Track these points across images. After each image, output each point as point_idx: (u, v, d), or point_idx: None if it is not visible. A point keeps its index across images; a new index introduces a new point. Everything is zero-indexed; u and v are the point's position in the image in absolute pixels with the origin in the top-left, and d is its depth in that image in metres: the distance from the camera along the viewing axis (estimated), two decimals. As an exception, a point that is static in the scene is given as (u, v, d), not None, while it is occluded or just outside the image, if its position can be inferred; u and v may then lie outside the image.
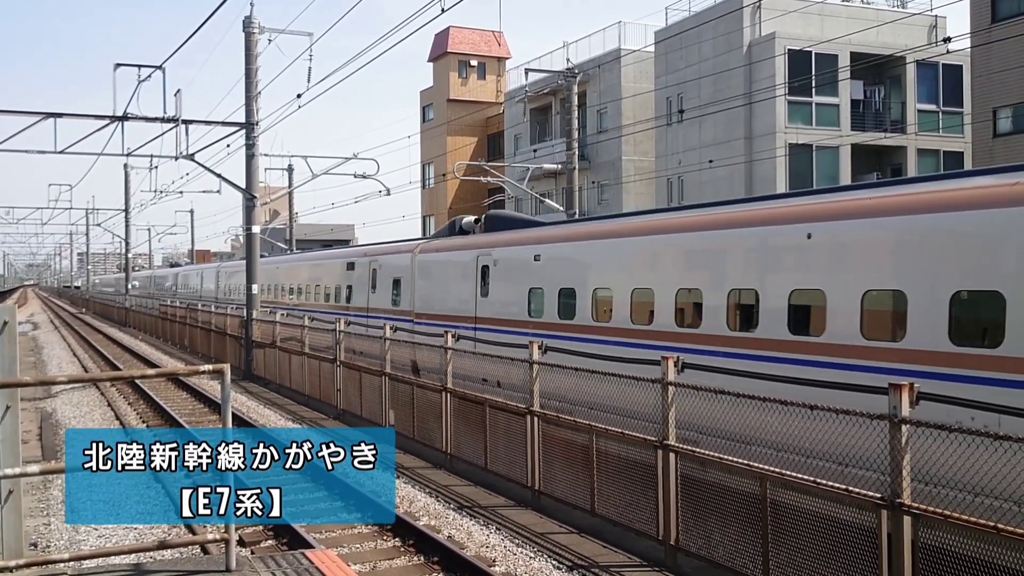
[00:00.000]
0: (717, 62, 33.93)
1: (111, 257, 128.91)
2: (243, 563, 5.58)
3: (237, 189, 25.35)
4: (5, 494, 5.65)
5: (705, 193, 35.19)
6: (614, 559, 8.70)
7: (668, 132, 36.84)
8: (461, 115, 52.62)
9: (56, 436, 16.47)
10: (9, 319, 5.75)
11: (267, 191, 39.70)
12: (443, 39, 54.91)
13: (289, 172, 48.53)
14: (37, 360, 31.81)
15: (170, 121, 23.37)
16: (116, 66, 22.53)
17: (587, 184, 41.35)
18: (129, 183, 56.48)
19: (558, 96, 42.08)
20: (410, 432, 14.27)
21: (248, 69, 24.56)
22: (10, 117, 22.83)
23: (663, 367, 8.57)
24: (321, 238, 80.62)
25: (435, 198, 56.63)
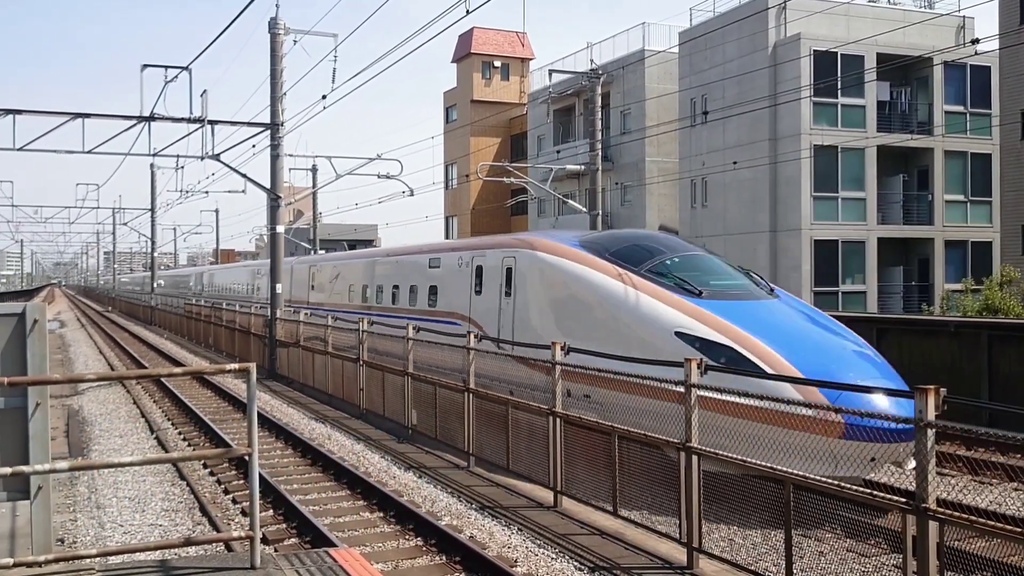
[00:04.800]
0: (742, 63, 33.79)
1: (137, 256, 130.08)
2: (267, 560, 5.62)
3: (262, 189, 25.50)
4: (34, 490, 5.72)
5: (730, 195, 35.08)
6: (636, 561, 8.68)
7: (692, 133, 36.73)
8: (484, 116, 52.70)
9: (83, 433, 16.66)
10: (39, 317, 5.82)
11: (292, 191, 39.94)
12: (467, 40, 55.02)
13: (313, 172, 48.80)
14: (64, 358, 32.15)
15: (196, 121, 23.56)
16: (143, 67, 22.74)
17: (610, 185, 41.31)
18: (155, 183, 56.96)
19: (582, 97, 42.05)
20: (432, 432, 14.31)
21: (273, 70, 24.72)
22: (39, 117, 23.09)
23: (685, 369, 8.54)
24: (344, 238, 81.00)
25: (458, 199, 56.74)
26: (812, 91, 31.26)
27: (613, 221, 42.64)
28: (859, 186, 33.23)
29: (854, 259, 33.31)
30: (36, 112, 22.90)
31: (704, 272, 13.53)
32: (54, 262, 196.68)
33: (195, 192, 45.74)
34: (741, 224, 34.72)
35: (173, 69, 22.64)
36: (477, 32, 54.62)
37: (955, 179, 34.82)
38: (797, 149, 32.00)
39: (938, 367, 17.49)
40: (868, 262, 33.30)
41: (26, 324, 5.78)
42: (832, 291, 32.67)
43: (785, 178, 32.88)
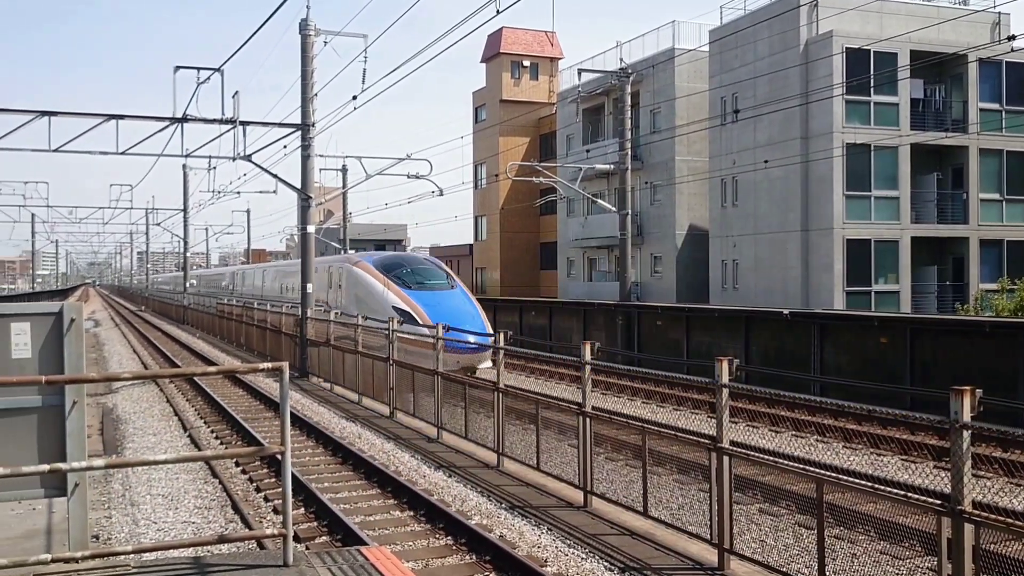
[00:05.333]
0: (773, 61, 33.56)
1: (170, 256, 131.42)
2: (300, 558, 5.66)
3: (293, 189, 25.67)
4: (71, 487, 5.80)
5: (761, 194, 34.85)
6: (666, 562, 8.65)
7: (722, 132, 36.52)
8: (514, 115, 52.72)
9: (117, 431, 16.85)
10: (76, 317, 5.90)
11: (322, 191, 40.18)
12: (496, 40, 55.05)
13: (343, 172, 49.05)
14: (99, 356, 32.54)
15: (228, 123, 23.74)
16: (176, 68, 22.95)
17: (640, 184, 41.17)
18: (188, 183, 57.52)
19: (611, 96, 41.97)
20: (462, 431, 14.34)
21: (304, 71, 24.86)
22: (74, 119, 23.37)
23: (717, 368, 8.50)
24: (374, 238, 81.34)
25: (487, 198, 56.80)
26: (844, 89, 30.97)
27: (643, 220, 42.51)
28: (892, 185, 32.87)
29: (887, 259, 32.96)
30: (71, 114, 23.19)
31: (420, 276, 24.50)
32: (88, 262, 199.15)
33: (227, 192, 46.17)
34: (772, 223, 34.48)
35: (205, 71, 22.85)
36: (506, 32, 54.65)
37: (990, 177, 34.35)
38: (829, 147, 31.72)
39: (973, 368, 17.29)
40: (901, 262, 32.94)
41: (63, 323, 5.86)
42: (865, 291, 32.36)
43: (817, 177, 32.61)
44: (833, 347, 21.02)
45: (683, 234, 40.91)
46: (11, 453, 5.73)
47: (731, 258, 36.80)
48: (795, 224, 33.43)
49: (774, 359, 22.31)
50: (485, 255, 57.80)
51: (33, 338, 5.82)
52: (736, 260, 36.49)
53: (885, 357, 19.66)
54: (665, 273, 41.74)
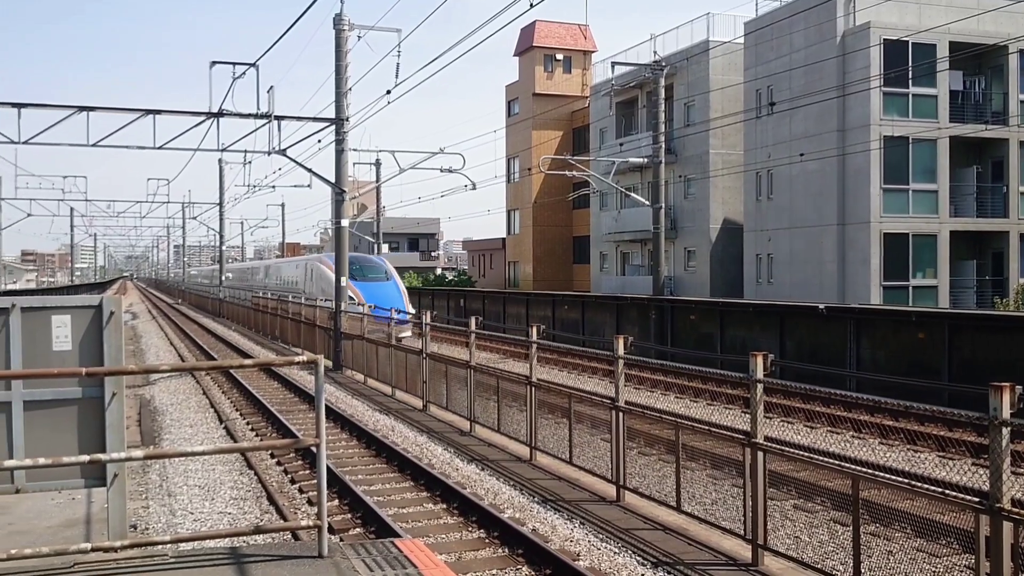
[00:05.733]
0: (809, 53, 33.22)
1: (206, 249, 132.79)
2: (334, 550, 5.71)
3: (327, 183, 25.82)
4: (111, 477, 5.89)
5: (796, 187, 34.55)
6: (699, 557, 8.62)
7: (757, 125, 36.23)
8: (547, 109, 52.64)
9: (154, 422, 17.08)
10: (115, 310, 5.98)
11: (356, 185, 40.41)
12: (529, 33, 54.97)
13: (377, 166, 49.26)
14: (136, 349, 32.97)
15: (263, 117, 23.94)
16: (212, 64, 23.15)
17: (673, 178, 40.97)
18: (223, 177, 58.04)
19: (645, 89, 41.76)
20: (494, 425, 14.37)
21: (338, 66, 24.99)
22: (112, 114, 23.67)
23: (751, 364, 8.45)
24: (407, 231, 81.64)
25: (520, 192, 56.79)
26: (882, 81, 30.60)
27: (676, 214, 42.28)
28: (931, 178, 32.44)
29: (925, 253, 32.55)
30: (109, 109, 23.47)
31: (365, 271, 33.61)
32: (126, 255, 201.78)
33: (262, 186, 46.57)
34: (808, 217, 34.16)
35: (241, 66, 23.05)
36: (539, 25, 54.54)
37: (1031, 170, 33.80)
38: (866, 140, 31.36)
39: (1013, 364, 17.04)
40: (940, 256, 32.52)
41: (103, 316, 5.95)
42: (902, 286, 31.99)
43: (854, 170, 32.26)
44: (869, 342, 20.81)
45: (717, 228, 40.66)
46: (52, 443, 5.83)
47: (766, 252, 36.52)
48: (831, 218, 33.11)
49: (809, 354, 22.13)
50: (518, 249, 57.80)
51: (74, 331, 5.91)
52: (771, 254, 36.20)
53: (923, 353, 19.43)
54: (699, 267, 41.52)
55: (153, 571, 5.33)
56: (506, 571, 8.48)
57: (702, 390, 19.69)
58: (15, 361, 5.81)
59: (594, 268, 50.87)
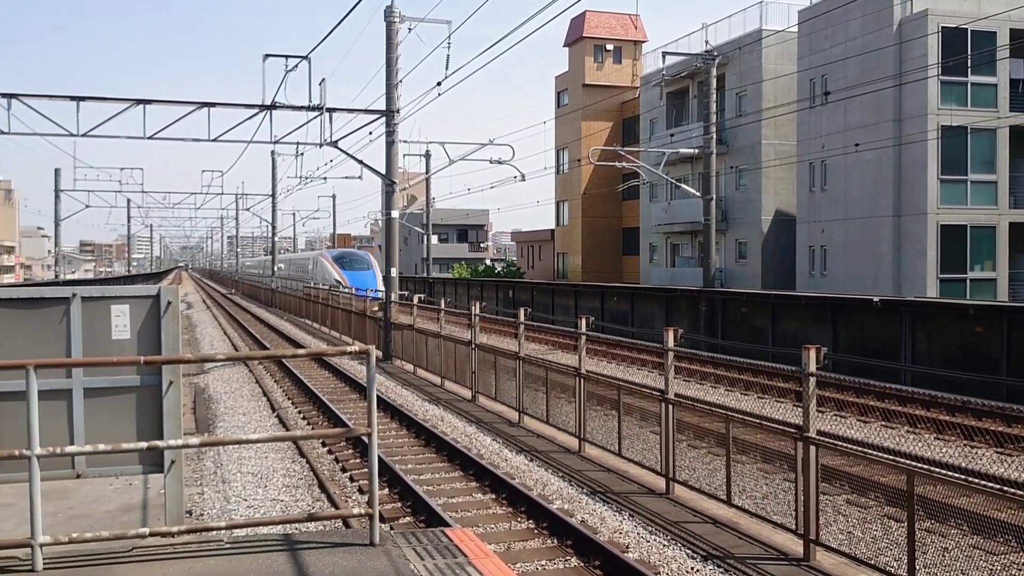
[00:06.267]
0: (865, 41, 32.65)
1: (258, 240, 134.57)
2: (386, 538, 5.77)
3: (377, 175, 26.00)
4: (168, 464, 6.01)
5: (851, 178, 34.03)
6: (750, 551, 8.56)
7: (811, 115, 35.73)
8: (596, 100, 52.43)
9: (208, 410, 17.37)
10: (173, 300, 6.10)
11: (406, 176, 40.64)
12: (579, 23, 54.75)
13: (427, 158, 49.49)
14: (191, 338, 33.55)
15: (315, 109, 24.16)
16: (265, 57, 23.42)
17: (725, 169, 40.57)
18: (276, 169, 58.69)
19: (696, 79, 41.38)
20: (543, 416, 14.39)
21: (389, 58, 25.12)
22: (168, 107, 24.08)
23: (804, 357, 8.35)
24: (456, 223, 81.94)
25: (569, 183, 56.66)
26: (940, 69, 29.97)
27: (727, 205, 41.89)
28: (990, 168, 31.73)
29: (983, 245, 31.87)
30: (165, 102, 23.88)
31: (353, 263, 49.04)
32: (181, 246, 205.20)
33: (314, 178, 47.04)
34: (863, 208, 33.63)
35: (293, 59, 23.29)
36: (590, 15, 54.29)
37: (1095, 160, 32.91)
38: (924, 130, 30.76)
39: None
40: (999, 248, 31.81)
41: (160, 306, 6.07)
42: (959, 278, 31.36)
43: (910, 160, 31.67)
44: (925, 336, 20.44)
45: (769, 219, 40.20)
46: (111, 430, 5.96)
47: (819, 244, 36.03)
48: (887, 209, 32.56)
49: (863, 348, 21.80)
50: (567, 240, 57.70)
51: (132, 320, 6.03)
52: (824, 246, 35.71)
53: (980, 347, 19.04)
54: (750, 259, 41.10)
55: (209, 556, 5.43)
56: (555, 562, 8.49)
57: (753, 383, 19.52)
58: (76, 349, 5.95)
59: (643, 260, 50.60)
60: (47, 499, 5.59)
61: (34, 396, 5.12)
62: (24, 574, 5.13)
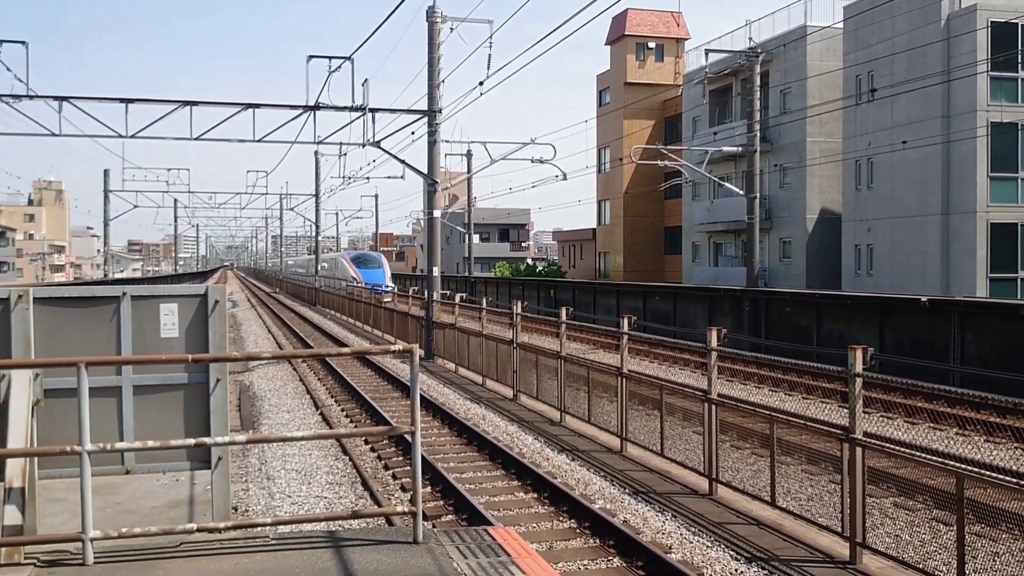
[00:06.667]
0: (912, 37, 32.14)
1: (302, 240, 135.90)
2: (428, 536, 5.79)
3: (419, 175, 26.12)
4: (215, 460, 6.09)
5: (898, 176, 33.53)
6: (795, 553, 8.48)
7: (857, 112, 35.27)
8: (638, 98, 52.18)
9: (253, 407, 17.58)
10: (220, 299, 6.18)
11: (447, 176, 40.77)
12: (621, 21, 54.54)
13: (468, 158, 49.63)
14: (236, 336, 33.96)
15: (358, 110, 24.33)
16: (309, 58, 23.63)
17: (768, 167, 40.18)
18: (319, 169, 59.24)
19: (739, 76, 41.04)
20: (585, 415, 14.36)
21: (431, 58, 25.22)
22: (214, 108, 24.39)
23: (850, 358, 8.25)
24: (498, 222, 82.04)
25: (611, 182, 56.48)
26: (989, 65, 29.42)
27: (771, 204, 41.49)
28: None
29: (1035, 243, 31.23)
30: (211, 103, 24.20)
31: (367, 263, 58.34)
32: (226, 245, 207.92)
33: (357, 178, 47.34)
34: (910, 206, 33.12)
35: (336, 59, 23.46)
36: (631, 13, 54.05)
37: None
38: (973, 127, 30.21)
39: None
40: (1051, 247, 31.16)
41: (208, 304, 6.15)
42: (1010, 277, 30.76)
43: (959, 157, 31.12)
44: (974, 336, 20.08)
45: (814, 218, 39.75)
46: (159, 427, 6.06)
47: (865, 243, 35.55)
48: (935, 207, 32.04)
49: (910, 349, 21.47)
50: (608, 239, 57.53)
51: (180, 318, 6.12)
52: (870, 245, 35.23)
53: (1032, 347, 18.65)
54: (794, 258, 40.67)
55: (255, 552, 5.49)
56: (597, 562, 8.47)
57: (797, 384, 19.31)
58: (126, 347, 6.05)
59: (686, 259, 50.29)
60: (97, 494, 5.69)
61: (85, 393, 5.21)
62: (75, 568, 5.23)
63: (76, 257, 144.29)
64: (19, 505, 5.43)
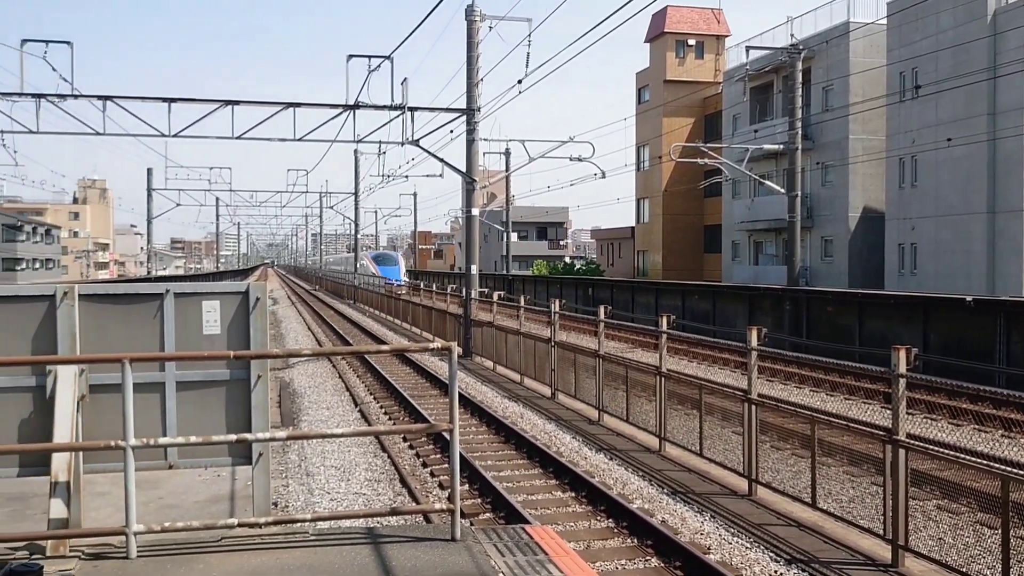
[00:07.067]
0: (957, 33, 31.63)
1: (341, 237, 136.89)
2: (466, 533, 5.80)
3: (458, 173, 26.18)
4: (256, 456, 6.14)
5: (942, 174, 33.01)
6: (835, 555, 8.38)
7: (901, 109, 34.78)
8: (678, 96, 51.86)
9: (293, 404, 17.73)
10: (261, 296, 6.23)
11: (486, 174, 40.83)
12: (660, 19, 54.26)
13: (507, 156, 49.64)
14: (277, 333, 34.29)
15: (397, 108, 24.45)
16: (348, 57, 23.79)
17: (810, 165, 39.76)
18: (359, 168, 59.59)
19: (780, 74, 40.65)
20: (623, 414, 14.31)
21: (469, 56, 25.27)
22: (255, 108, 24.63)
23: (893, 358, 8.14)
24: (536, 220, 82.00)
25: (650, 180, 56.22)
26: (1038, 60, 28.85)
27: (813, 202, 41.04)
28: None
29: (1084, 242, 30.59)
30: (252, 103, 24.44)
31: (386, 261, 71.62)
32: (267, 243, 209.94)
33: (395, 176, 47.59)
34: (954, 205, 32.59)
35: (376, 59, 23.59)
36: (671, 10, 53.76)
37: None
38: (1019, 124, 29.64)
39: None
40: (1101, 246, 30.50)
41: (249, 302, 6.21)
42: (1058, 277, 30.15)
43: (1004, 155, 30.56)
44: (1020, 337, 19.71)
45: (856, 216, 39.27)
46: (201, 422, 6.12)
47: (909, 241, 35.05)
48: (980, 206, 31.50)
49: (955, 349, 21.13)
50: (647, 238, 57.27)
51: (222, 315, 6.19)
52: (914, 244, 34.73)
53: (1081, 349, 18.28)
54: (836, 257, 40.21)
55: (295, 548, 5.54)
56: (635, 562, 8.44)
57: (839, 384, 19.10)
58: (168, 344, 6.12)
59: (725, 258, 49.92)
60: (139, 489, 5.77)
61: (129, 389, 5.29)
62: (119, 561, 5.31)
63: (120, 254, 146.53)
64: (65, 499, 5.52)
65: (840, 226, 39.80)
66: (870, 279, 37.46)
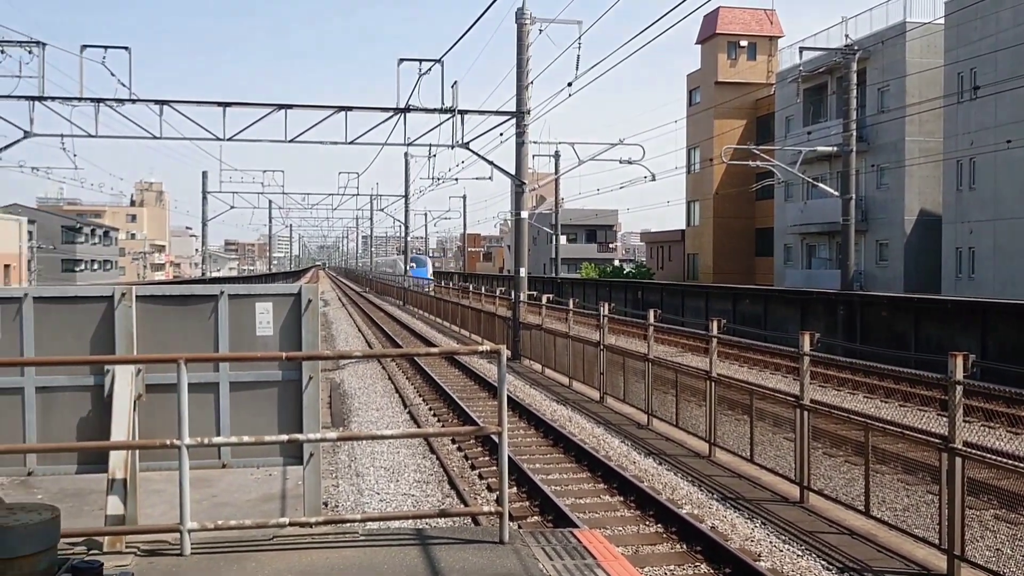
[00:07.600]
0: (1017, 32, 30.93)
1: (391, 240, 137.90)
2: (515, 536, 5.81)
3: (507, 175, 26.22)
4: (307, 456, 6.22)
5: (1001, 176, 32.33)
6: (889, 565, 8.24)
7: (959, 110, 34.09)
8: (729, 98, 51.41)
9: (343, 405, 17.89)
10: (312, 298, 6.31)
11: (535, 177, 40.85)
12: (712, 20, 53.84)
13: (556, 158, 49.56)
14: (327, 334, 34.63)
15: (447, 112, 24.58)
16: (399, 61, 23.97)
17: (865, 167, 39.14)
18: (409, 170, 59.97)
19: (835, 75, 40.09)
20: (672, 419, 14.22)
21: (519, 59, 25.29)
22: (308, 111, 24.90)
23: (950, 364, 7.97)
24: (585, 223, 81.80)
25: (700, 183, 55.80)
26: (1103, 60, 28.13)
27: (868, 205, 40.41)
28: None
29: None
30: (305, 107, 24.73)
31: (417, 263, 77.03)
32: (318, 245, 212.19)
33: (445, 179, 47.82)
34: (1014, 208, 31.86)
35: (427, 62, 23.74)
36: (723, 11, 53.32)
37: None
38: (1083, 125, 28.91)
39: None
40: None
41: (301, 304, 6.28)
42: (1122, 282, 29.33)
43: (1067, 157, 29.81)
44: (1084, 344, 19.22)
45: (912, 220, 38.58)
46: (254, 422, 6.21)
47: (967, 245, 34.34)
48: (1041, 209, 30.75)
49: (1014, 355, 20.66)
50: (697, 241, 56.84)
51: (275, 317, 6.27)
52: (972, 248, 34.01)
53: None
54: (891, 261, 39.54)
55: (345, 547, 5.59)
56: (684, 567, 8.38)
57: (894, 390, 18.78)
58: (222, 345, 6.22)
59: (777, 261, 49.34)
60: (193, 487, 5.87)
61: (184, 389, 5.39)
62: (173, 558, 5.40)
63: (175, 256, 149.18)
64: (121, 496, 5.64)
65: (895, 229, 39.14)
66: (927, 284, 36.78)
